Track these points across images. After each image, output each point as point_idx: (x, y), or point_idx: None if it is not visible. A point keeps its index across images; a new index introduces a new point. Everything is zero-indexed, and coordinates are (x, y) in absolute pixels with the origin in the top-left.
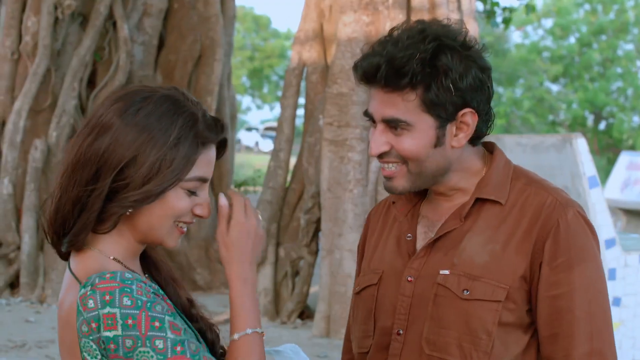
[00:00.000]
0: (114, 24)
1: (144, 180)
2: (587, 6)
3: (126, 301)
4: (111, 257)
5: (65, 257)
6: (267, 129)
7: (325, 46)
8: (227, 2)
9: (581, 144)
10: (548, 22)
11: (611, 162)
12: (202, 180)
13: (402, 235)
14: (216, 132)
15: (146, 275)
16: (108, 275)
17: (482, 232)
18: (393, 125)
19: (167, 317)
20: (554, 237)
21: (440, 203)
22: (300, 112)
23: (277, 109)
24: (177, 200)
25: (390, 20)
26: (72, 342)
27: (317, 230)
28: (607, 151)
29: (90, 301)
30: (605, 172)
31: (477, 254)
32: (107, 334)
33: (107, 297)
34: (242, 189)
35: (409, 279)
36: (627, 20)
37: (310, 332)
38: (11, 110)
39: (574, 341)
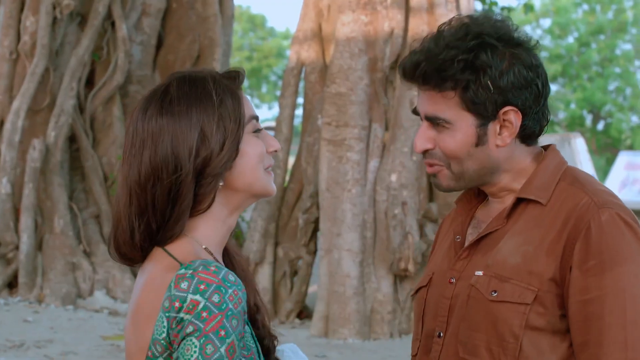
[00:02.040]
0: (113, 24)
1: (221, 144)
2: (585, 6)
3: (215, 298)
4: (203, 246)
5: (142, 259)
6: (265, 128)
7: (323, 46)
8: (225, 2)
9: (580, 143)
10: (546, 22)
11: (610, 162)
12: (256, 118)
13: (454, 237)
14: (237, 80)
15: None
16: (213, 268)
17: (520, 233)
18: (435, 122)
19: (234, 336)
20: (585, 238)
21: (492, 205)
22: (299, 111)
23: (276, 109)
24: (253, 146)
25: (388, 19)
26: (148, 315)
27: (316, 229)
28: (605, 151)
29: (185, 283)
30: (603, 171)
31: (511, 255)
32: (183, 315)
33: (202, 287)
34: None
35: (451, 280)
36: (625, 20)
37: (309, 332)
38: (9, 110)
39: (603, 349)
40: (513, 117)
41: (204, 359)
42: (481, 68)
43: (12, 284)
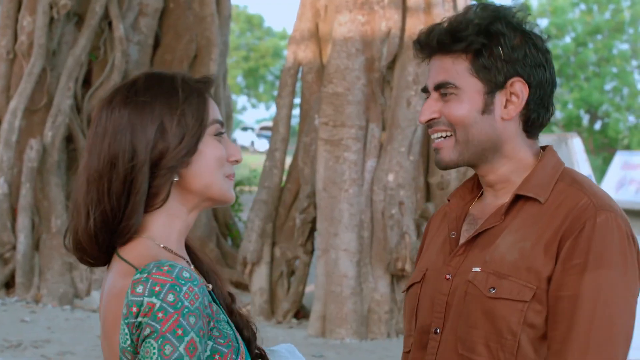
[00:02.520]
0: (110, 24)
1: (179, 139)
2: (582, 6)
3: (170, 297)
4: (162, 246)
5: (104, 261)
6: (262, 128)
7: (320, 46)
8: (222, 2)
9: (577, 143)
10: (543, 22)
11: (607, 162)
12: (220, 122)
13: (448, 234)
14: (205, 82)
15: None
16: (166, 268)
17: (517, 230)
18: (443, 91)
19: (193, 333)
20: (576, 237)
21: (487, 201)
22: (296, 111)
23: (273, 109)
24: (213, 149)
25: (385, 19)
26: (112, 325)
27: (313, 229)
28: (602, 151)
29: (140, 287)
30: (600, 171)
31: (509, 252)
32: (140, 319)
33: (157, 288)
34: (238, 188)
35: (447, 276)
36: (622, 20)
37: (306, 332)
38: (6, 109)
39: (566, 346)
40: (520, 88)
41: None
42: (495, 35)
43: (9, 284)
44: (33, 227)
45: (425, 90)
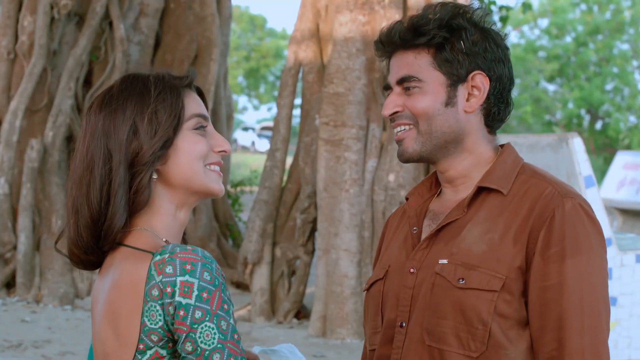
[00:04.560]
0: (110, 24)
1: (151, 136)
2: (583, 6)
3: (206, 276)
4: (163, 239)
5: (95, 264)
6: (263, 128)
7: (321, 46)
8: (223, 1)
9: (577, 143)
10: (544, 22)
11: (607, 162)
12: (201, 116)
13: (409, 230)
14: (182, 78)
15: None
16: (190, 248)
17: (482, 222)
18: (406, 85)
19: (231, 306)
20: (549, 226)
21: (447, 196)
22: (297, 112)
23: (274, 109)
24: (191, 143)
25: (386, 19)
26: (131, 310)
27: (313, 229)
28: (603, 151)
29: (169, 267)
30: (601, 171)
31: (476, 244)
32: (180, 299)
33: (188, 267)
34: (239, 188)
35: (411, 270)
36: (623, 20)
37: (307, 332)
38: (7, 110)
39: (562, 334)
40: (481, 81)
41: (224, 336)
42: (456, 30)
43: (9, 284)
44: (34, 227)
45: (387, 87)
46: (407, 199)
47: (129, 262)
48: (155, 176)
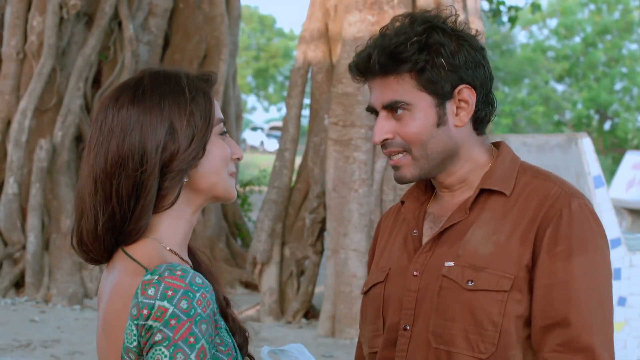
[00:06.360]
0: (119, 24)
1: (189, 139)
2: (592, 6)
3: (183, 304)
4: (168, 248)
5: (108, 259)
6: (272, 128)
7: (330, 46)
8: (232, 1)
9: (586, 143)
10: (553, 22)
11: (616, 162)
12: (223, 121)
13: (409, 233)
14: (209, 82)
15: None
16: (179, 273)
17: (487, 224)
18: (394, 109)
19: (203, 341)
20: (556, 225)
21: (446, 199)
22: (306, 111)
23: (283, 109)
24: (219, 148)
25: None
26: (118, 325)
27: (322, 229)
28: (612, 151)
29: (152, 289)
30: (610, 171)
31: (482, 245)
32: (151, 322)
33: (170, 293)
34: (248, 188)
35: (415, 273)
36: (631, 20)
37: (316, 332)
38: (16, 109)
39: (570, 330)
40: (468, 94)
41: None
42: (435, 47)
43: (19, 284)
44: (43, 227)
45: (370, 109)
46: (402, 202)
47: (126, 273)
48: (186, 179)
